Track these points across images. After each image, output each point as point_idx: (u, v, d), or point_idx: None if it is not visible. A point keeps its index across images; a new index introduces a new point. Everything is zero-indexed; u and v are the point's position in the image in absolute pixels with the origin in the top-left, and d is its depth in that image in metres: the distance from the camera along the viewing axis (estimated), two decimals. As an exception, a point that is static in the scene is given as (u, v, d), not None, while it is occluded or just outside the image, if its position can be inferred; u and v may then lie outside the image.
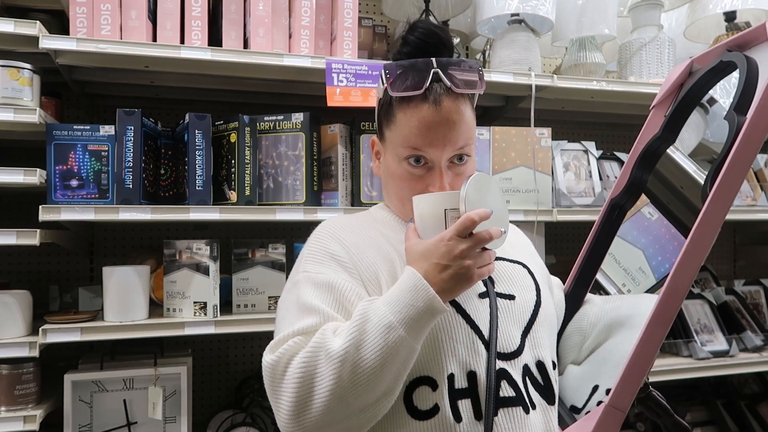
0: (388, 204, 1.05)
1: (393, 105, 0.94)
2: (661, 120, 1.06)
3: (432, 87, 0.91)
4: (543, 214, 1.85)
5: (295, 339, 0.82)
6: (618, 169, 2.11)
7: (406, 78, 0.91)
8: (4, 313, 1.49)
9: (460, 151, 0.93)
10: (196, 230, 2.09)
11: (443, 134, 0.91)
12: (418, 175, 0.93)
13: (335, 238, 0.94)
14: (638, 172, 1.06)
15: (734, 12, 2.16)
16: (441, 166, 0.92)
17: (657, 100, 1.09)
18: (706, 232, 0.79)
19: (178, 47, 1.58)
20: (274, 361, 0.82)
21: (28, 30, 1.46)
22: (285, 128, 1.73)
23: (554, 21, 1.97)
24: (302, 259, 0.95)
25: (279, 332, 0.87)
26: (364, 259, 0.92)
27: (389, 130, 0.96)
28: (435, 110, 0.90)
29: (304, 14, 1.72)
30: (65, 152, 1.53)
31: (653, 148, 1.05)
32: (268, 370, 0.83)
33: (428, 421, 0.85)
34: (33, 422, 1.45)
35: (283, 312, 0.91)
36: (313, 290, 0.88)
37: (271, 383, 0.83)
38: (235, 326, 1.61)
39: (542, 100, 2.05)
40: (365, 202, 1.74)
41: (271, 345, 0.85)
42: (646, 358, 0.79)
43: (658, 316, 0.79)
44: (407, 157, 0.93)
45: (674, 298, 0.79)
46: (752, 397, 2.37)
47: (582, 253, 1.11)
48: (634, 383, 0.80)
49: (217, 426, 1.81)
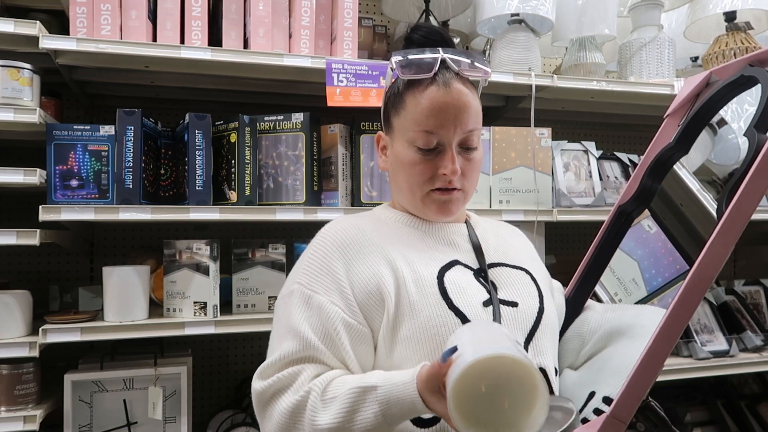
0: (397, 198, 1.04)
1: (402, 92, 0.96)
2: (675, 129, 1.04)
3: (440, 71, 0.94)
4: (543, 214, 1.85)
5: (282, 374, 0.86)
6: (618, 169, 2.11)
7: (416, 63, 0.94)
8: (4, 313, 1.49)
9: (469, 135, 0.94)
10: (196, 230, 2.08)
11: (453, 115, 0.92)
12: (429, 159, 0.93)
13: (338, 249, 0.94)
14: (648, 181, 1.05)
15: (734, 12, 2.16)
16: (452, 148, 0.93)
17: (671, 109, 1.08)
18: (722, 246, 0.76)
19: (178, 47, 1.58)
20: (261, 389, 0.87)
21: (28, 30, 1.46)
22: (285, 128, 1.73)
23: (554, 21, 1.96)
24: (301, 266, 0.95)
25: (270, 351, 0.91)
26: (366, 272, 0.91)
27: (398, 117, 0.97)
28: (445, 91, 0.92)
29: (304, 14, 1.72)
30: (65, 152, 1.53)
31: (665, 158, 1.03)
32: (255, 395, 0.88)
33: (432, 428, 0.86)
34: (33, 422, 1.45)
35: (275, 325, 0.94)
36: (303, 310, 0.89)
37: (257, 408, 0.89)
38: (235, 326, 1.61)
39: (542, 100, 2.05)
40: (365, 202, 1.74)
41: (261, 370, 0.88)
42: (652, 370, 0.77)
43: (667, 328, 0.76)
44: (418, 140, 0.93)
45: (685, 310, 0.76)
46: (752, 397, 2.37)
47: (586, 258, 1.10)
48: (638, 395, 0.77)
49: (217, 426, 1.81)
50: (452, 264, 0.94)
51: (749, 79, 0.90)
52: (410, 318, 0.88)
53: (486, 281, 0.95)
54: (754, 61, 0.91)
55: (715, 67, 1.01)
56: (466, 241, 1.00)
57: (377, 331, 0.90)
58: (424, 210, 0.98)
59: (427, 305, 0.88)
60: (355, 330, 0.89)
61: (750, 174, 0.76)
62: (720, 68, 0.99)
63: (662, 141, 1.06)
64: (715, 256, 0.76)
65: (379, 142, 1.05)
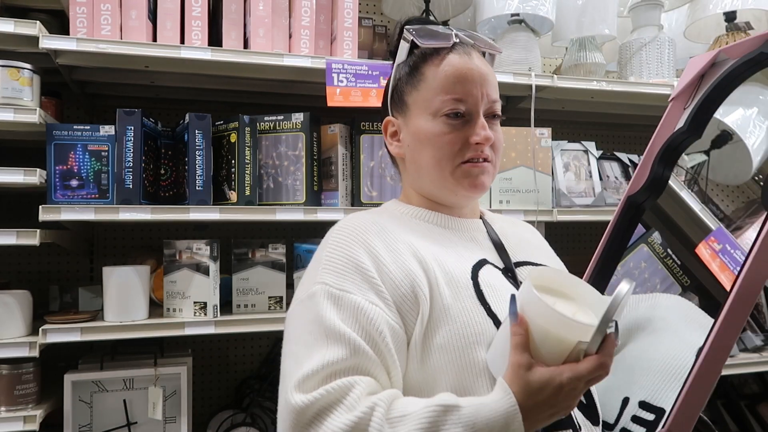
0: (416, 184, 0.95)
1: (418, 66, 0.91)
2: (680, 113, 0.98)
3: (458, 43, 0.91)
4: (543, 214, 1.85)
5: (330, 387, 0.71)
6: (618, 169, 2.11)
7: (434, 32, 0.91)
8: (4, 313, 1.49)
9: (493, 105, 0.91)
10: (196, 230, 2.08)
11: (479, 82, 0.88)
12: (457, 129, 0.88)
13: (362, 243, 0.82)
14: (660, 168, 0.98)
15: (734, 12, 2.16)
16: (480, 115, 0.88)
17: (676, 92, 1.02)
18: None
19: (178, 47, 1.58)
20: (303, 405, 0.70)
21: (28, 30, 1.46)
22: (285, 128, 1.73)
23: (554, 21, 1.97)
24: (320, 265, 0.82)
25: (303, 359, 0.74)
26: (397, 271, 0.80)
27: (416, 91, 0.91)
28: (468, 59, 0.90)
29: (304, 14, 1.72)
30: (65, 152, 1.53)
31: (677, 143, 0.97)
32: (292, 411, 0.71)
33: None
34: (33, 422, 1.45)
35: (299, 331, 0.78)
36: (335, 311, 0.76)
37: (293, 427, 0.71)
38: (235, 326, 1.61)
39: (542, 100, 2.04)
40: (365, 202, 1.74)
41: (300, 381, 0.72)
42: (710, 379, 0.70)
43: (722, 334, 0.70)
44: (444, 107, 0.88)
45: (742, 309, 0.71)
46: (752, 397, 2.37)
47: (596, 254, 1.05)
48: (694, 412, 0.71)
49: (217, 426, 1.81)
50: (482, 263, 0.87)
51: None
52: (445, 323, 0.78)
53: (516, 282, 0.88)
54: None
55: (725, 47, 0.95)
56: (486, 238, 0.94)
57: (408, 339, 0.79)
58: (454, 187, 0.89)
59: (464, 310, 0.79)
60: (398, 335, 0.77)
61: None
62: (730, 47, 0.93)
63: (668, 125, 1.00)
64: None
65: (387, 128, 0.97)
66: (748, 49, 0.88)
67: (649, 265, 1.05)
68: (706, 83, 0.95)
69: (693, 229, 1.06)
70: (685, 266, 1.01)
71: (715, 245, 1.02)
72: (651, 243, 1.05)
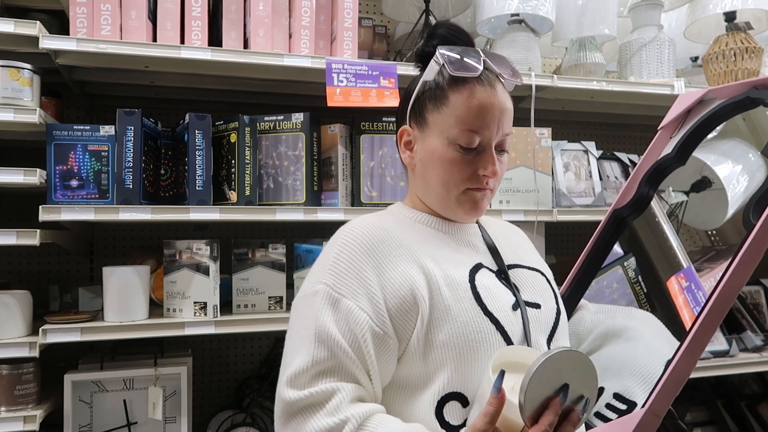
0: (421, 194, 1.01)
1: (444, 87, 0.94)
2: (666, 141, 1.12)
3: (484, 72, 0.93)
4: (543, 214, 1.85)
5: (317, 390, 0.82)
6: (618, 169, 2.11)
7: (464, 61, 0.93)
8: (4, 313, 1.49)
9: (504, 138, 0.95)
10: (196, 230, 2.09)
11: (498, 117, 0.92)
12: (468, 159, 0.93)
13: (366, 251, 0.90)
14: (645, 188, 1.10)
15: (734, 12, 2.16)
16: (492, 148, 0.93)
17: (665, 122, 1.14)
18: (755, 251, 0.80)
19: (178, 47, 1.58)
20: (293, 399, 0.82)
21: (28, 30, 1.46)
22: (285, 128, 1.73)
23: (554, 21, 1.96)
24: (327, 265, 0.90)
25: (291, 352, 0.87)
26: (397, 277, 0.88)
27: (438, 113, 0.94)
28: (491, 92, 0.92)
29: (304, 14, 1.72)
30: (65, 152, 1.53)
31: (664, 167, 1.10)
32: (283, 403, 0.83)
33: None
34: (33, 422, 1.45)
35: (296, 324, 0.89)
36: (330, 314, 0.86)
37: (280, 416, 0.84)
38: (235, 326, 1.61)
39: (542, 100, 2.04)
40: (365, 202, 1.74)
41: (292, 377, 0.84)
42: (687, 365, 0.80)
43: (706, 326, 0.79)
44: (460, 139, 0.92)
45: (725, 302, 0.80)
46: (752, 397, 2.37)
47: (581, 258, 1.14)
48: (674, 391, 0.79)
49: (217, 426, 1.81)
50: (478, 267, 0.94)
51: (754, 101, 0.96)
52: (446, 322, 0.86)
53: (508, 283, 0.95)
54: (760, 85, 0.98)
55: (713, 87, 1.08)
56: (482, 242, 1.00)
57: (408, 338, 0.87)
58: (456, 208, 0.96)
59: (463, 310, 0.87)
60: (380, 339, 0.86)
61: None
62: (719, 88, 1.05)
63: (655, 151, 1.12)
64: (748, 261, 0.80)
65: (402, 136, 1.01)
66: (735, 92, 1.01)
67: (620, 287, 1.16)
68: (693, 118, 1.08)
69: (664, 262, 1.20)
70: (649, 295, 1.14)
71: (683, 282, 1.16)
72: (626, 267, 1.16)
